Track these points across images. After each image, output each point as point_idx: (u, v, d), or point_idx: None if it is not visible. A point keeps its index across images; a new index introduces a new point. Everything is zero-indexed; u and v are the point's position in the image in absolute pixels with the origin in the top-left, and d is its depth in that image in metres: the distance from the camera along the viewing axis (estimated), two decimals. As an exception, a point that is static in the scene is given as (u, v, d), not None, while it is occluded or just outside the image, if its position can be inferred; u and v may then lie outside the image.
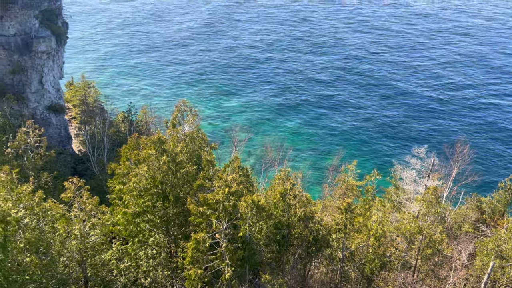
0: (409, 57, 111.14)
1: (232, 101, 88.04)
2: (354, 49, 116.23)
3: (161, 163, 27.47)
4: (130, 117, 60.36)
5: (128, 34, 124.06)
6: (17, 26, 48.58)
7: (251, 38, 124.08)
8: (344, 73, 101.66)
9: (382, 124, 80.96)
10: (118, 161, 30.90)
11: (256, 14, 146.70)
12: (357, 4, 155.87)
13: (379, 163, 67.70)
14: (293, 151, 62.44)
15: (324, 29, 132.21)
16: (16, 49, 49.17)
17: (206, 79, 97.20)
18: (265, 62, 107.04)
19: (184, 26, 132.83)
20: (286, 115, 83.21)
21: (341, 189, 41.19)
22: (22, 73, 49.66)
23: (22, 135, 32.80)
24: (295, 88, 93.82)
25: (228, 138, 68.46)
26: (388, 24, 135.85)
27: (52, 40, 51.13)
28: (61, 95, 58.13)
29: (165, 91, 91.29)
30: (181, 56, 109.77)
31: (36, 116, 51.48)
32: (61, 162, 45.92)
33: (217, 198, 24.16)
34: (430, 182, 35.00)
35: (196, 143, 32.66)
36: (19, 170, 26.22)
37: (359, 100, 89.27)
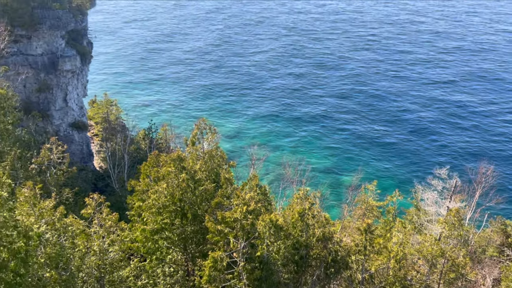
0: (432, 74, 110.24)
1: (251, 120, 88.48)
2: (372, 65, 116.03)
3: (180, 180, 27.67)
4: (151, 134, 61.20)
5: (149, 53, 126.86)
6: (44, 46, 50.30)
7: (269, 56, 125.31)
8: (363, 95, 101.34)
9: (403, 143, 79.98)
10: (138, 178, 31.25)
11: (272, 30, 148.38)
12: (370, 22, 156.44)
13: (399, 184, 66.60)
14: (311, 170, 62.05)
15: (337, 45, 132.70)
16: (42, 68, 50.80)
17: (226, 97, 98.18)
18: (285, 83, 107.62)
19: (203, 43, 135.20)
20: (304, 134, 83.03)
21: (360, 209, 40.54)
22: (47, 91, 51.17)
23: (45, 152, 33.55)
24: (315, 107, 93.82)
25: (246, 156, 68.56)
26: (402, 40, 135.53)
27: (77, 59, 52.69)
28: (84, 112, 59.50)
29: (185, 109, 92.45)
30: (201, 75, 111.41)
31: (59, 133, 52.73)
32: (83, 178, 46.68)
33: (235, 216, 24.10)
34: (453, 203, 34.17)
35: (214, 161, 32.83)
36: (42, 186, 26.72)
37: (380, 120, 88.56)
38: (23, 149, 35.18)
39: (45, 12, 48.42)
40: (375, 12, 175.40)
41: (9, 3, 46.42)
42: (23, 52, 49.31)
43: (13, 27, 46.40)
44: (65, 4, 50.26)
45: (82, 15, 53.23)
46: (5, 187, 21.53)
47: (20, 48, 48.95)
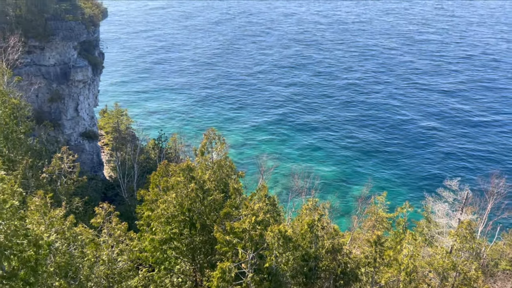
0: (441, 83, 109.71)
1: (260, 129, 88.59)
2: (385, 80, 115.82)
3: (189, 190, 27.71)
4: (160, 144, 61.56)
5: (159, 63, 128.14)
6: (57, 56, 51.07)
7: (277, 65, 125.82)
8: (372, 105, 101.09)
9: (413, 154, 79.38)
10: (147, 188, 31.38)
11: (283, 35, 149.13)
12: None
13: (410, 195, 66.00)
14: (320, 180, 61.79)
15: (343, 54, 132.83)
16: (55, 78, 51.53)
17: (235, 107, 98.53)
18: (294, 92, 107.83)
19: (211, 53, 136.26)
20: (314, 144, 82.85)
21: (370, 221, 40.24)
22: (59, 101, 51.81)
23: (57, 161, 33.87)
24: (324, 117, 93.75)
25: (255, 165, 68.56)
26: (409, 51, 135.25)
27: (89, 69, 53.36)
28: (95, 122, 60.08)
29: (195, 119, 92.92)
30: (210, 85, 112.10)
31: (70, 142, 53.24)
32: (93, 187, 46.97)
33: (243, 227, 24.02)
34: (464, 216, 33.73)
35: (223, 171, 32.85)
36: (53, 195, 26.93)
37: (390, 131, 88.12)
38: (35, 158, 35.53)
39: (59, 23, 49.22)
40: (379, 22, 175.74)
41: (23, 15, 47.30)
42: (36, 62, 50.10)
43: (27, 38, 47.21)
44: (78, 16, 51.07)
45: (95, 26, 54.02)
46: (17, 196, 21.73)
47: (33, 59, 49.74)
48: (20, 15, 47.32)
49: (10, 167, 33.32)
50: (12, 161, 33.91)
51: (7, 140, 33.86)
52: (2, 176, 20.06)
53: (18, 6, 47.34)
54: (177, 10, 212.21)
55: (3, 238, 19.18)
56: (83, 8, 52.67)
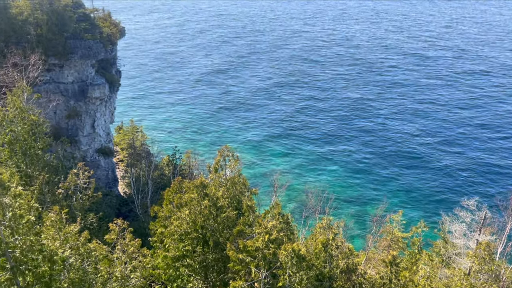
0: (459, 97, 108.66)
1: (274, 146, 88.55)
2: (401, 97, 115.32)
3: (202, 207, 27.72)
4: (175, 161, 61.93)
5: (174, 81, 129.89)
6: (75, 74, 52.22)
7: (293, 80, 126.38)
8: (385, 121, 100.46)
9: (429, 173, 78.28)
10: (161, 204, 31.50)
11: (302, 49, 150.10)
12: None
13: (425, 214, 64.88)
14: (335, 198, 61.20)
15: (358, 68, 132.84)
16: (72, 95, 52.59)
17: (249, 124, 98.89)
18: (308, 108, 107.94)
19: (230, 74, 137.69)
20: (328, 162, 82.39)
21: (385, 240, 39.56)
22: (76, 117, 52.73)
23: (72, 177, 34.32)
24: (337, 136, 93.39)
25: (268, 183, 68.34)
26: (433, 65, 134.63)
27: (106, 87, 54.34)
28: (110, 138, 60.86)
29: (209, 136, 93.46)
30: (224, 102, 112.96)
31: (86, 158, 53.94)
32: (107, 203, 47.32)
33: (256, 245, 23.86)
34: (482, 236, 32.94)
35: (237, 188, 32.84)
36: (68, 211, 27.21)
37: (405, 149, 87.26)
38: (51, 173, 36.06)
39: (77, 42, 50.46)
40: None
41: (44, 34, 48.66)
42: (55, 80, 51.27)
43: (47, 57, 48.44)
44: (96, 35, 52.30)
45: (112, 45, 55.20)
46: (33, 211, 22.03)
47: (52, 76, 50.93)
48: (41, 34, 48.68)
49: (27, 183, 33.86)
50: (29, 177, 34.47)
51: (25, 156, 34.50)
52: (20, 192, 20.38)
53: (39, 25, 48.75)
54: (191, 27, 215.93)
55: (19, 253, 19.39)
56: (101, 27, 53.94)
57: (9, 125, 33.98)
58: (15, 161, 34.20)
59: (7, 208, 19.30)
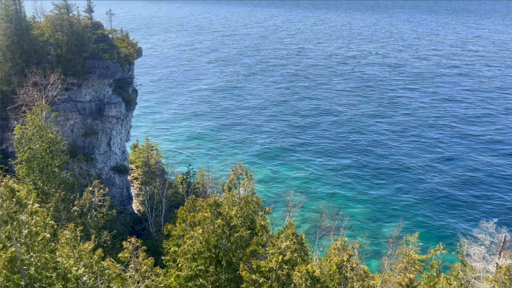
0: (474, 119, 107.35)
1: (287, 165, 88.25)
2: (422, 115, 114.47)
3: (215, 226, 27.60)
4: (189, 179, 62.09)
5: (189, 100, 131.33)
6: (92, 93, 53.22)
7: (307, 103, 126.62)
8: (402, 141, 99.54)
9: (446, 194, 76.88)
10: (175, 222, 31.47)
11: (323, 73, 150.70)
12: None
13: (443, 236, 63.45)
14: (349, 219, 60.38)
15: (386, 89, 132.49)
16: (90, 113, 53.48)
17: (262, 143, 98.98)
18: (323, 126, 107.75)
19: (244, 93, 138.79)
20: (343, 182, 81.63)
21: (402, 262, 38.68)
22: (93, 135, 53.48)
23: (88, 194, 34.64)
24: (352, 155, 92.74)
25: (282, 202, 67.87)
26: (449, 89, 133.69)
27: (122, 106, 55.16)
28: (126, 156, 61.45)
29: (222, 154, 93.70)
30: (238, 120, 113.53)
31: (101, 176, 54.45)
32: (121, 221, 47.49)
33: (270, 266, 23.57)
34: (502, 260, 31.98)
35: (250, 207, 32.65)
36: (83, 228, 27.39)
37: (421, 169, 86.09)
38: (67, 191, 36.47)
39: (96, 62, 51.58)
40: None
41: (64, 54, 49.92)
42: (73, 99, 52.29)
43: (65, 76, 49.56)
44: (114, 55, 53.42)
45: (129, 64, 56.25)
46: (48, 229, 22.24)
47: (70, 95, 51.98)
48: (61, 54, 49.93)
49: (43, 200, 34.27)
50: (45, 194, 34.90)
51: (42, 173, 35.01)
52: (36, 209, 20.62)
53: (59, 46, 50.07)
54: (204, 45, 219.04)
55: (34, 270, 19.49)
56: (119, 48, 55.11)
57: (28, 143, 34.62)
58: (32, 178, 34.72)
59: (23, 225, 19.51)
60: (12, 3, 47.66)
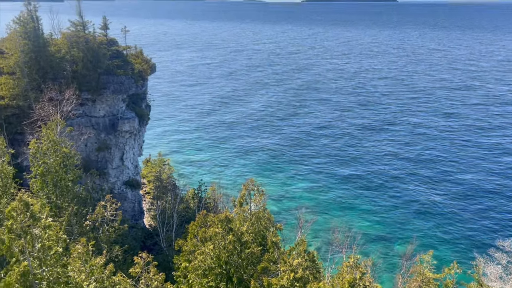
0: (487, 137, 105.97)
1: (299, 180, 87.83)
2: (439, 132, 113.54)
3: (226, 242, 27.47)
4: (200, 194, 62.13)
5: (200, 115, 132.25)
6: (106, 108, 53.93)
7: (321, 119, 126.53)
8: (415, 157, 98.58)
9: (461, 210, 75.56)
10: (186, 238, 31.41)
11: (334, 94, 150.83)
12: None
13: (458, 255, 62.16)
14: (362, 235, 59.64)
15: (387, 103, 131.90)
16: (103, 128, 54.13)
17: (274, 158, 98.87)
18: (336, 142, 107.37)
19: (252, 105, 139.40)
20: (355, 197, 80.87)
21: (416, 281, 37.85)
22: (106, 150, 54.02)
23: (100, 209, 34.83)
24: (365, 170, 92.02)
25: (293, 218, 67.38)
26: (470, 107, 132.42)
27: (136, 121, 55.75)
28: (138, 171, 61.85)
29: (233, 169, 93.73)
30: (249, 135, 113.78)
31: (114, 190, 54.79)
32: (133, 236, 47.56)
33: (281, 284, 23.31)
34: (520, 280, 31.17)
35: (261, 223, 32.46)
36: (94, 243, 27.47)
37: (434, 185, 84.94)
38: (80, 205, 36.72)
39: (110, 78, 52.41)
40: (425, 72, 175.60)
41: (79, 70, 50.87)
42: (87, 114, 53.04)
43: (80, 92, 50.40)
44: (128, 71, 54.25)
45: (143, 80, 57.00)
46: (61, 243, 22.35)
47: (85, 110, 52.74)
48: (76, 70, 50.91)
49: (56, 214, 34.54)
50: (59, 208, 35.18)
51: (56, 187, 35.36)
52: (49, 223, 20.79)
53: (75, 62, 51.08)
54: (215, 60, 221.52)
55: (46, 285, 19.56)
56: (133, 64, 55.98)
57: (42, 157, 35.08)
58: (46, 192, 35.07)
59: (36, 239, 19.66)
60: (30, 21, 48.90)
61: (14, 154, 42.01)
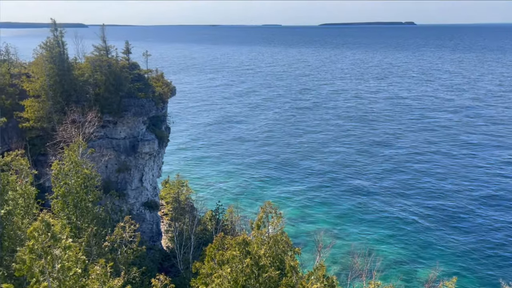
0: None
1: (317, 204, 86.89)
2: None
3: (244, 265, 27.19)
4: (217, 216, 61.98)
5: (219, 137, 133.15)
6: (127, 130, 54.87)
7: (343, 142, 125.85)
8: (436, 184, 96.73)
9: (485, 236, 73.27)
10: (203, 260, 31.22)
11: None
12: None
13: (482, 282, 59.99)
14: (383, 260, 58.25)
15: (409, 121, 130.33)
16: (124, 150, 54.96)
17: (291, 180, 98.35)
18: (353, 164, 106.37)
19: (270, 127, 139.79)
20: (375, 221, 79.41)
21: (439, 309, 36.60)
22: (126, 171, 54.68)
23: (119, 230, 35.05)
24: (385, 193, 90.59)
25: (311, 242, 66.39)
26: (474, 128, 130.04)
27: (155, 142, 56.47)
28: (157, 192, 62.24)
29: (251, 190, 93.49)
30: (267, 158, 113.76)
31: (133, 212, 55.15)
32: (150, 257, 47.56)
33: (300, 309, 22.84)
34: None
35: (279, 247, 32.08)
36: (113, 264, 27.56)
37: (459, 209, 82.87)
38: (99, 226, 37.04)
39: (131, 100, 53.49)
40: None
41: (101, 93, 52.14)
42: (108, 135, 54.04)
43: (102, 114, 51.52)
44: (149, 94, 55.30)
45: (163, 103, 57.97)
46: (80, 264, 22.51)
47: (106, 132, 53.77)
48: (99, 93, 52.18)
49: (76, 234, 34.89)
50: (78, 229, 35.55)
51: (76, 208, 35.81)
52: (69, 244, 21.01)
53: (98, 85, 52.42)
54: (237, 86, 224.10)
55: (64, 306, 19.62)
56: (154, 87, 57.09)
57: (64, 178, 35.71)
58: (66, 212, 35.53)
59: (56, 259, 19.86)
60: (56, 46, 50.63)
61: (37, 175, 42.86)
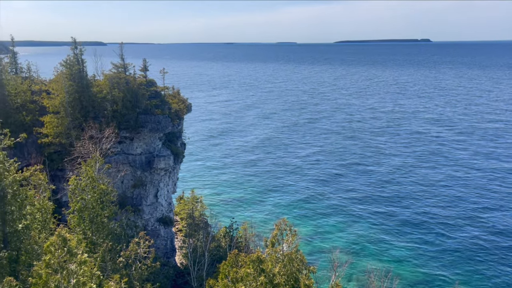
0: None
1: (332, 220, 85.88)
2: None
3: (258, 283, 26.92)
4: (231, 233, 61.72)
5: (233, 153, 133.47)
6: (143, 146, 55.50)
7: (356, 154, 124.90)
8: (455, 200, 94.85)
9: (504, 253, 71.20)
10: (217, 278, 31.03)
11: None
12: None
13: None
14: (400, 281, 56.97)
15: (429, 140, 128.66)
16: (139, 166, 55.49)
17: (306, 197, 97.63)
18: (370, 180, 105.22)
19: (289, 147, 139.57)
20: (392, 239, 78.00)
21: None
22: (141, 187, 55.10)
23: (134, 246, 35.15)
24: (402, 210, 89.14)
25: (327, 260, 65.43)
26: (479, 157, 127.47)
27: (171, 158, 56.92)
28: (171, 208, 62.43)
29: (265, 207, 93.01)
30: (281, 175, 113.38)
31: (147, 227, 55.34)
32: (164, 274, 47.45)
33: (315, 329, 22.40)
34: None
35: (294, 265, 31.69)
36: (127, 280, 27.57)
37: (479, 227, 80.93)
38: (114, 241, 37.20)
39: (148, 117, 54.24)
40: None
41: (119, 110, 53.01)
42: (125, 151, 54.71)
43: (119, 130, 52.30)
44: (165, 110, 56.03)
45: (179, 119, 58.62)
46: (95, 279, 22.58)
47: (123, 148, 54.46)
48: (116, 109, 53.06)
49: (91, 249, 35.09)
50: (94, 244, 35.77)
51: (92, 223, 36.10)
52: (85, 259, 21.13)
53: (115, 102, 53.35)
54: (250, 100, 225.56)
55: (78, 322, 19.65)
56: (170, 104, 57.84)
57: (81, 193, 36.13)
58: (82, 228, 35.84)
59: (72, 275, 19.97)
60: (76, 63, 51.89)
61: (54, 190, 43.47)
